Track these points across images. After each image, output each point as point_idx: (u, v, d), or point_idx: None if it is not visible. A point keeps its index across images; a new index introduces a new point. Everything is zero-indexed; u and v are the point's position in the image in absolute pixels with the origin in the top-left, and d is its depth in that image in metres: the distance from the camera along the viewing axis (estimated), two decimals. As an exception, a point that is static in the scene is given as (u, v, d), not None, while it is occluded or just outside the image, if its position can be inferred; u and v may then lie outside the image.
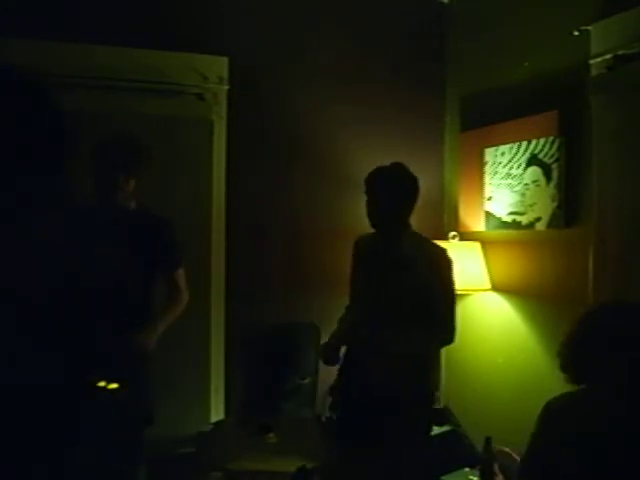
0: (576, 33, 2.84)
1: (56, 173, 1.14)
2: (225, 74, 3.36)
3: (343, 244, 3.08)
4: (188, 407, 3.30)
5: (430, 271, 2.67)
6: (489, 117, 3.45)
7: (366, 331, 2.69)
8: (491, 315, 3.43)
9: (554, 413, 1.86)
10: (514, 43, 3.35)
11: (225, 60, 3.36)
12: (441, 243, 3.50)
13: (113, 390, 1.29)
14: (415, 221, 3.80)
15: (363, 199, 2.81)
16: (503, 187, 3.34)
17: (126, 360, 1.52)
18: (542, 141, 3.08)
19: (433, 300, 2.66)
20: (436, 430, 3.45)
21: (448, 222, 3.85)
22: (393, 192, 2.70)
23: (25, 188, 1.10)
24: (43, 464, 1.12)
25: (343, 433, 2.65)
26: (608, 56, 2.70)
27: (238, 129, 3.42)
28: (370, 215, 2.74)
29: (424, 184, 3.91)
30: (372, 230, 2.80)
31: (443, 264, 2.70)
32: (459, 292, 3.22)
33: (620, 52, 2.65)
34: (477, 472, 2.89)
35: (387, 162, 3.74)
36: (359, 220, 2.86)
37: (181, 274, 2.70)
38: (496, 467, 2.83)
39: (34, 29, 2.94)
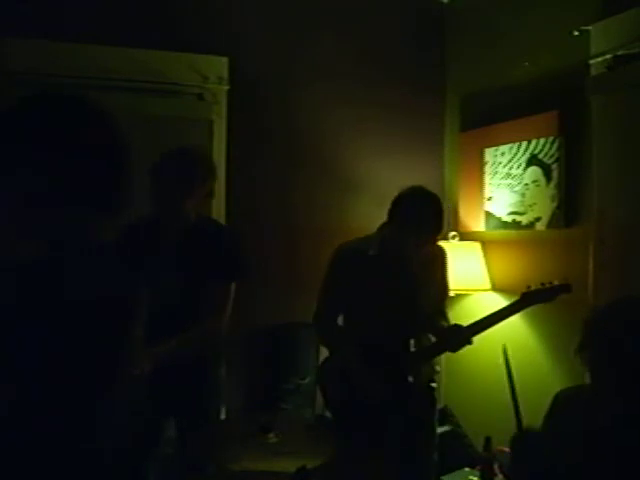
0: (576, 33, 2.84)
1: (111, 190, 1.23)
2: (225, 74, 3.36)
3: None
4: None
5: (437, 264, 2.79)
6: (489, 117, 3.45)
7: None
8: (491, 315, 3.42)
9: (560, 404, 1.87)
10: (514, 43, 3.35)
11: (225, 60, 3.36)
12: (441, 243, 3.52)
13: None
14: (415, 221, 3.83)
15: (363, 199, 2.81)
16: (503, 187, 3.34)
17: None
18: (542, 141, 3.08)
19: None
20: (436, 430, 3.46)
21: (448, 222, 3.84)
22: None
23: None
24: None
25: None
26: (608, 56, 2.70)
27: (238, 129, 3.42)
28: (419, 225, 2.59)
29: (424, 184, 3.94)
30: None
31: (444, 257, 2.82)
32: (459, 292, 3.23)
33: (620, 52, 2.65)
34: (477, 472, 2.89)
35: (387, 162, 3.78)
36: (359, 220, 2.86)
37: (231, 289, 2.52)
38: (496, 467, 2.83)
39: (34, 29, 2.94)
